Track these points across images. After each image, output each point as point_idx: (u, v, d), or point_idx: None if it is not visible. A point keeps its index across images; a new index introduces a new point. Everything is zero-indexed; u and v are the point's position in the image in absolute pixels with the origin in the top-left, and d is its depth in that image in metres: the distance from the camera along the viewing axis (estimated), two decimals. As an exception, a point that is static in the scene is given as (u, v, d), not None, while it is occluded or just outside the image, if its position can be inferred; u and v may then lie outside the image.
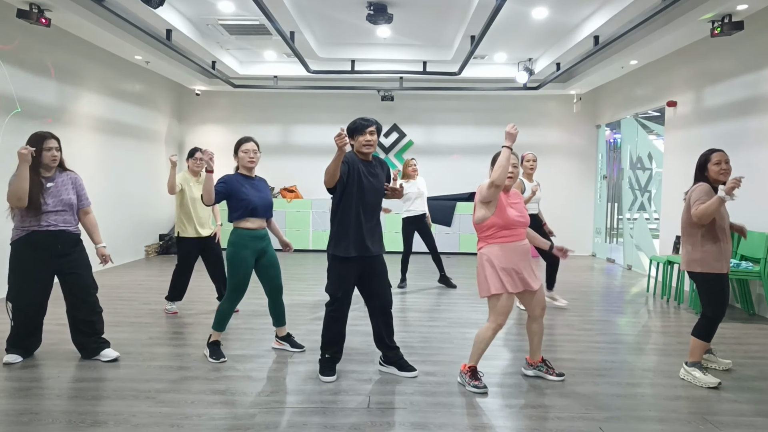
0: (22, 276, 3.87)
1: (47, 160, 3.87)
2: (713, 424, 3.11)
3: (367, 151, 3.69)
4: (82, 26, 6.86)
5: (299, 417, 3.13)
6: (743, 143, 6.15)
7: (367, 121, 3.69)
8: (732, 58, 6.43)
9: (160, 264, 8.82)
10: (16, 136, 6.29)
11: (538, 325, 3.74)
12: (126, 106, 8.77)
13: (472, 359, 3.64)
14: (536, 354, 3.81)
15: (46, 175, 3.90)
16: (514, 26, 7.63)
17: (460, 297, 6.52)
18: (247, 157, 4.12)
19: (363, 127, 3.66)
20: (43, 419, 3.05)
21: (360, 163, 3.68)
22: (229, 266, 4.05)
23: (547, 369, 3.78)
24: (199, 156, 5.43)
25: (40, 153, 3.83)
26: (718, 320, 3.72)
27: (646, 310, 6.03)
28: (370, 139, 3.66)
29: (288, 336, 4.41)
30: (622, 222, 9.63)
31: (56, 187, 3.90)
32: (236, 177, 4.12)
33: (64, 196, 3.92)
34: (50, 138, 3.89)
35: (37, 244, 3.83)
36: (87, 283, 4.02)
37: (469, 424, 3.09)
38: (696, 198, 3.68)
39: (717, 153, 3.75)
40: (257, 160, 4.18)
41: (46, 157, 3.86)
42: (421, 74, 9.47)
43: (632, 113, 9.02)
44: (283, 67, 9.94)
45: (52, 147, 3.88)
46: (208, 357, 4.09)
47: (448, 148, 11.04)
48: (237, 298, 4.11)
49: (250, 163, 4.14)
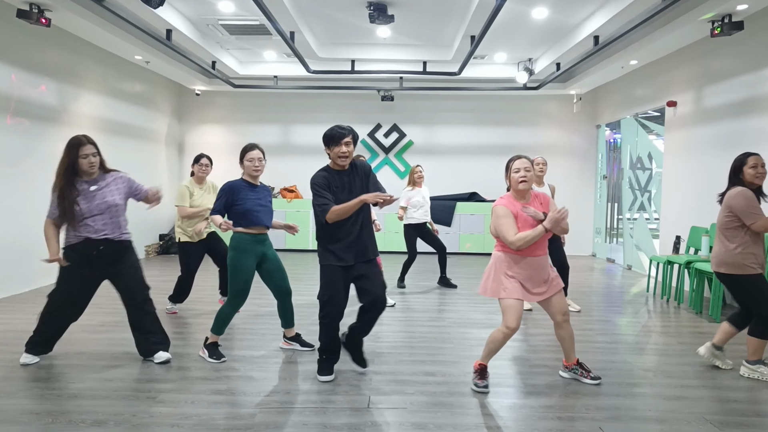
0: (66, 278, 3.86)
1: (85, 167, 3.79)
2: (713, 424, 3.11)
3: (343, 163, 3.62)
4: (82, 26, 6.86)
5: (299, 417, 3.13)
6: (743, 143, 6.14)
7: (343, 129, 3.58)
8: (732, 58, 6.43)
9: (161, 264, 8.82)
10: (16, 136, 6.30)
11: (563, 330, 3.68)
12: (126, 106, 8.76)
13: (483, 358, 3.66)
14: (570, 356, 3.78)
15: (86, 179, 3.83)
16: (514, 26, 7.63)
17: (460, 297, 6.52)
18: (252, 165, 4.14)
19: (339, 137, 3.56)
20: (43, 419, 3.05)
21: (335, 176, 3.62)
22: (231, 271, 4.04)
23: (582, 372, 3.75)
24: (204, 162, 5.39)
25: (76, 161, 3.75)
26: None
27: (646, 310, 6.02)
28: (346, 151, 3.57)
29: (297, 336, 4.42)
30: (622, 222, 9.63)
31: (100, 190, 3.83)
32: (239, 184, 4.13)
33: (108, 198, 3.84)
34: (86, 144, 3.78)
35: (83, 253, 3.80)
36: (136, 287, 3.99)
37: (469, 424, 3.09)
38: (745, 208, 3.68)
39: (753, 156, 3.78)
40: (262, 168, 4.19)
41: (83, 164, 3.77)
42: (421, 74, 9.47)
43: (632, 113, 9.01)
44: (283, 67, 9.94)
45: (89, 153, 3.77)
46: (206, 358, 4.08)
47: (448, 148, 11.04)
48: (239, 304, 4.10)
49: (255, 172, 4.16)
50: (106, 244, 3.82)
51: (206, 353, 4.11)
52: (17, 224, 6.30)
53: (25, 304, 5.77)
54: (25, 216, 6.36)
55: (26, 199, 6.40)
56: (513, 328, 3.48)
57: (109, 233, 3.82)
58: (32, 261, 6.49)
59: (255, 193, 4.15)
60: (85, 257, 3.80)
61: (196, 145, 11.06)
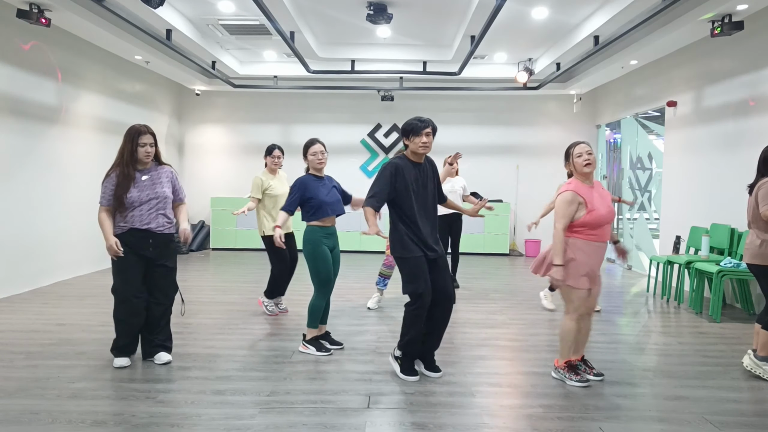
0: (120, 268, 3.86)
1: (141, 156, 3.86)
2: (713, 424, 3.11)
3: (423, 152, 3.69)
4: (82, 26, 6.86)
5: (299, 417, 3.13)
6: (743, 143, 6.15)
7: (423, 121, 3.67)
8: (732, 58, 6.43)
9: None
10: (16, 136, 6.30)
11: (585, 323, 3.72)
12: (126, 106, 8.77)
13: (563, 355, 3.70)
14: (578, 351, 3.80)
15: (140, 168, 3.89)
16: (514, 26, 7.63)
17: (460, 297, 6.51)
18: (316, 159, 4.27)
19: (419, 128, 3.64)
20: (43, 419, 3.05)
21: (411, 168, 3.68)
22: (311, 263, 4.16)
23: (586, 368, 3.77)
24: (277, 154, 5.45)
25: (135, 149, 3.83)
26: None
27: (646, 310, 6.03)
28: (426, 141, 3.64)
29: (327, 334, 4.45)
30: (622, 222, 9.63)
31: (150, 180, 3.89)
32: (309, 179, 4.24)
33: (158, 189, 3.89)
34: (146, 133, 3.88)
35: (127, 243, 3.81)
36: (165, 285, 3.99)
37: (469, 423, 3.08)
38: (764, 195, 3.72)
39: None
40: (326, 160, 4.30)
41: (141, 153, 3.85)
42: (421, 74, 9.47)
43: (632, 113, 9.02)
44: (283, 67, 9.94)
45: (147, 143, 3.86)
46: (314, 353, 4.20)
47: (448, 148, 10.99)
48: (327, 293, 4.23)
49: (320, 164, 4.27)
50: (148, 235, 3.85)
51: (312, 348, 4.22)
52: (17, 224, 6.30)
53: (25, 304, 5.77)
54: (25, 216, 6.36)
55: (26, 199, 6.40)
56: (581, 313, 3.61)
57: (152, 224, 3.86)
58: (33, 261, 6.50)
59: (324, 186, 4.25)
60: (129, 246, 3.82)
61: (196, 145, 11.07)
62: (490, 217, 10.36)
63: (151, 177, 3.91)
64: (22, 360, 4.01)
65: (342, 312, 5.64)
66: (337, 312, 5.54)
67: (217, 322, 5.19)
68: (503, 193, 10.88)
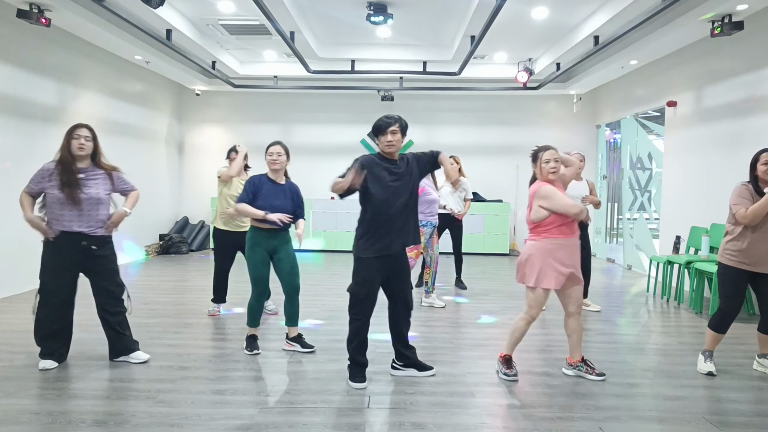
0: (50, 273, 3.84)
1: (74, 148, 3.79)
2: (713, 424, 3.11)
3: (389, 151, 3.63)
4: (82, 26, 6.86)
5: (299, 417, 3.13)
6: (743, 143, 6.15)
7: (389, 118, 3.61)
8: (732, 58, 6.43)
9: (160, 264, 8.81)
10: (16, 136, 6.30)
11: (574, 321, 3.76)
12: (126, 105, 8.76)
13: (507, 348, 3.80)
14: (575, 353, 3.81)
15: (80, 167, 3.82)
16: (514, 26, 7.63)
17: (461, 297, 6.51)
18: (270, 159, 4.26)
19: (383, 128, 3.59)
20: (43, 419, 3.05)
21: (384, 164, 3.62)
22: (246, 262, 4.26)
23: (587, 369, 3.78)
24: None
25: (69, 141, 3.79)
26: None
27: (646, 310, 6.02)
28: (391, 140, 3.58)
29: (299, 336, 4.43)
30: (622, 222, 9.63)
31: (85, 180, 3.81)
32: (263, 181, 4.22)
33: (91, 191, 3.81)
34: (81, 127, 3.84)
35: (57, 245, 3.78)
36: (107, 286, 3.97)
37: (469, 424, 3.09)
38: (733, 202, 3.78)
39: (765, 153, 3.81)
40: (281, 162, 4.24)
41: (73, 146, 3.78)
42: (421, 74, 9.47)
43: (632, 113, 9.01)
44: (283, 67, 9.93)
45: (81, 135, 3.80)
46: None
47: (448, 147, 10.96)
48: (259, 293, 4.27)
49: (273, 165, 4.25)
50: (80, 237, 3.79)
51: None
52: (17, 224, 6.27)
53: (25, 303, 5.76)
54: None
55: (26, 199, 6.39)
56: (534, 316, 3.71)
57: (83, 227, 3.79)
58: (33, 261, 6.48)
59: (275, 191, 4.20)
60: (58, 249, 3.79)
61: (196, 145, 11.07)
62: (490, 217, 10.38)
63: (86, 176, 3.83)
64: (22, 360, 4.00)
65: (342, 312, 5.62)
66: (337, 312, 5.54)
67: (217, 322, 5.19)
68: (503, 193, 10.88)
